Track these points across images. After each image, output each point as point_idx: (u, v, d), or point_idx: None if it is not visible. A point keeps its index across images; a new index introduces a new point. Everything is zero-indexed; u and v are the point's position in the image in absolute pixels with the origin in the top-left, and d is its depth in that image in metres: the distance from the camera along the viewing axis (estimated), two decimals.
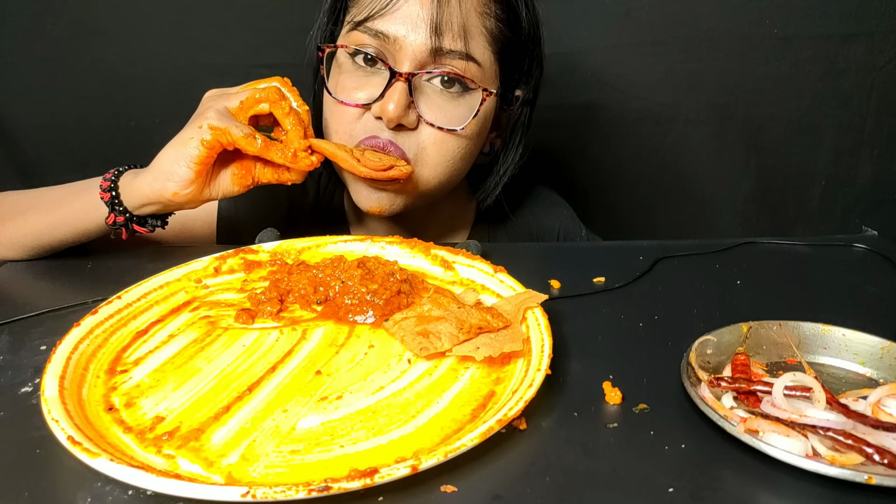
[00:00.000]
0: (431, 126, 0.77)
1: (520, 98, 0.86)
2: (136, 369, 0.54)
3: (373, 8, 0.75)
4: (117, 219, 0.72)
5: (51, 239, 0.76)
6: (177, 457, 0.44)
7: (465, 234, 0.97)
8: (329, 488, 0.39)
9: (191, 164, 0.68)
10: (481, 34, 0.77)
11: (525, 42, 0.82)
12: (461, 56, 0.75)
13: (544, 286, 0.69)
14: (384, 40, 0.75)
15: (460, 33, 0.74)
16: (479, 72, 0.77)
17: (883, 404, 0.47)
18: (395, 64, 0.75)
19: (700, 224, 1.35)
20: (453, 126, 0.77)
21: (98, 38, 1.25)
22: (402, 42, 0.74)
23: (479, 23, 0.76)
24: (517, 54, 0.82)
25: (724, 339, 0.55)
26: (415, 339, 0.56)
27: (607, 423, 0.48)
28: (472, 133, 0.80)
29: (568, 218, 1.01)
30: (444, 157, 0.79)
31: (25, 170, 1.34)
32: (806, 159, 1.28)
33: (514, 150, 0.89)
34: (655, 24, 1.20)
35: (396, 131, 0.76)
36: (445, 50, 0.74)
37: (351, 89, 0.77)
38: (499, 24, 0.78)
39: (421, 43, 0.74)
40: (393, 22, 0.74)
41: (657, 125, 1.28)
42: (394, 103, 0.74)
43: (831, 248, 0.84)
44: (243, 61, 1.25)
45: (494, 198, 0.91)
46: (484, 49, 0.77)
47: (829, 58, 1.20)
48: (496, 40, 0.78)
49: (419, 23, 0.73)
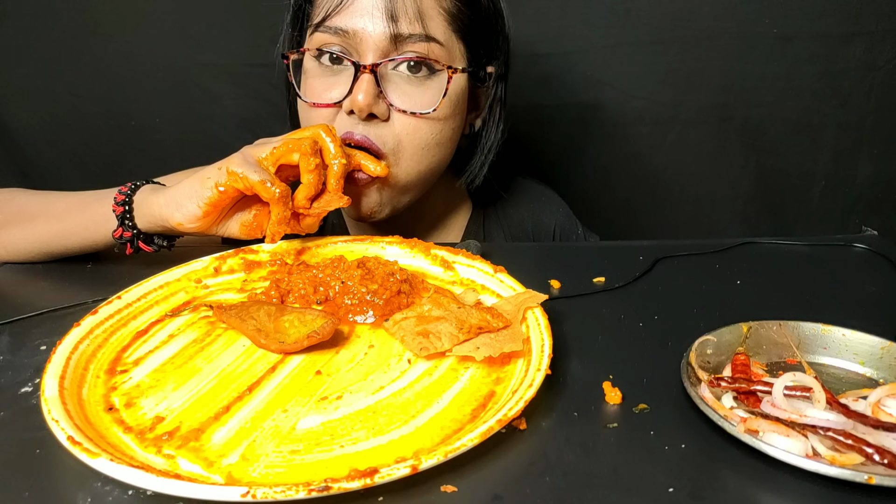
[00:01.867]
0: (403, 113, 0.77)
1: (492, 74, 0.86)
2: (136, 369, 0.54)
3: (329, 7, 0.76)
4: (125, 234, 0.72)
5: (58, 247, 0.76)
6: (177, 457, 0.44)
7: (461, 229, 0.97)
8: (329, 488, 0.39)
9: (201, 204, 0.67)
10: (439, 14, 0.77)
11: (485, 16, 0.83)
12: (421, 38, 0.76)
13: (544, 286, 0.69)
14: (344, 36, 0.76)
15: (416, 16, 0.75)
16: (443, 51, 0.78)
17: (883, 404, 0.47)
18: (358, 58, 0.76)
19: (700, 224, 1.35)
20: (424, 109, 0.78)
21: (98, 38, 1.25)
22: (361, 35, 0.75)
23: (435, 3, 0.77)
24: (480, 30, 0.83)
25: (724, 339, 0.55)
26: (415, 339, 0.56)
27: (607, 423, 0.48)
28: (446, 114, 0.80)
29: (564, 215, 1.01)
30: (420, 145, 0.79)
31: (25, 170, 1.34)
32: (806, 159, 1.28)
33: (496, 128, 0.89)
34: (655, 23, 1.20)
35: (369, 123, 0.77)
36: (405, 35, 0.75)
37: (321, 90, 0.78)
38: (455, 3, 0.78)
39: (380, 32, 0.74)
40: (350, 16, 0.75)
41: (657, 125, 1.28)
42: (363, 93, 0.74)
43: (831, 248, 0.84)
44: (243, 61, 1.25)
45: (482, 179, 0.90)
46: (444, 28, 0.78)
47: (829, 57, 1.20)
48: (455, 19, 0.79)
49: (374, 12, 0.74)
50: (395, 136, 0.78)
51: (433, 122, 0.79)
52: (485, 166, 0.90)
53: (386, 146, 0.77)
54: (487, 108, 0.88)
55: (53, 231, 0.76)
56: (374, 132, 0.77)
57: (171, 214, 0.68)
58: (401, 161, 0.79)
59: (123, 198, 0.72)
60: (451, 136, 0.83)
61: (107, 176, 1.04)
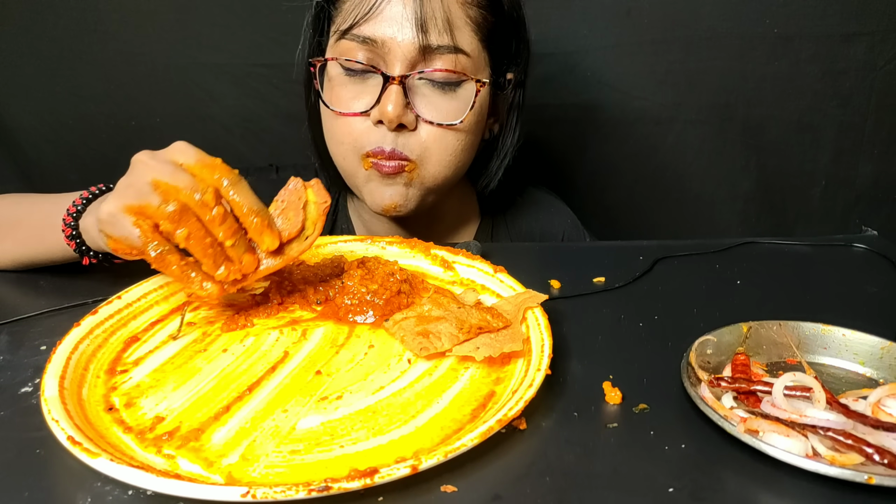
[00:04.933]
0: (430, 124, 0.77)
1: (512, 81, 0.86)
2: (136, 369, 0.54)
3: (357, 14, 0.75)
4: (92, 261, 0.67)
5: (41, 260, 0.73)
6: (177, 457, 0.44)
7: (470, 237, 0.97)
8: (329, 488, 0.39)
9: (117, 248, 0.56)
10: (466, 24, 0.77)
11: (509, 24, 0.83)
12: (450, 50, 0.75)
13: (544, 286, 0.69)
14: (372, 45, 0.75)
15: (445, 27, 0.74)
16: (470, 62, 0.78)
17: (883, 404, 0.47)
18: (386, 67, 0.76)
19: (700, 224, 1.35)
20: (451, 121, 0.78)
21: (98, 38, 1.25)
22: (390, 45, 0.74)
23: (462, 13, 0.76)
24: (503, 38, 0.83)
25: (724, 339, 0.55)
26: (415, 339, 0.56)
27: (607, 423, 0.48)
28: (471, 125, 0.80)
29: (572, 226, 1.01)
30: (446, 152, 0.80)
31: (25, 170, 1.34)
32: (806, 159, 1.28)
33: (513, 133, 0.89)
34: (655, 23, 1.20)
35: (398, 133, 0.77)
36: (434, 46, 0.75)
37: (347, 99, 0.78)
38: (481, 12, 0.78)
39: (409, 43, 0.74)
40: (378, 25, 0.74)
41: (657, 125, 1.28)
42: (392, 104, 0.74)
43: (831, 248, 0.84)
44: (243, 61, 1.25)
45: (497, 182, 0.91)
46: (471, 38, 0.77)
47: (830, 58, 1.20)
48: (481, 28, 0.78)
49: (404, 22, 0.73)
50: (421, 143, 0.78)
51: (459, 133, 0.79)
52: (500, 170, 0.90)
53: (413, 153, 0.78)
54: (506, 113, 0.88)
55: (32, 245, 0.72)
56: (401, 142, 0.77)
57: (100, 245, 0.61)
58: (427, 165, 0.79)
59: (70, 231, 0.66)
60: (474, 142, 0.84)
61: (107, 176, 1.03)
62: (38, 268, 0.74)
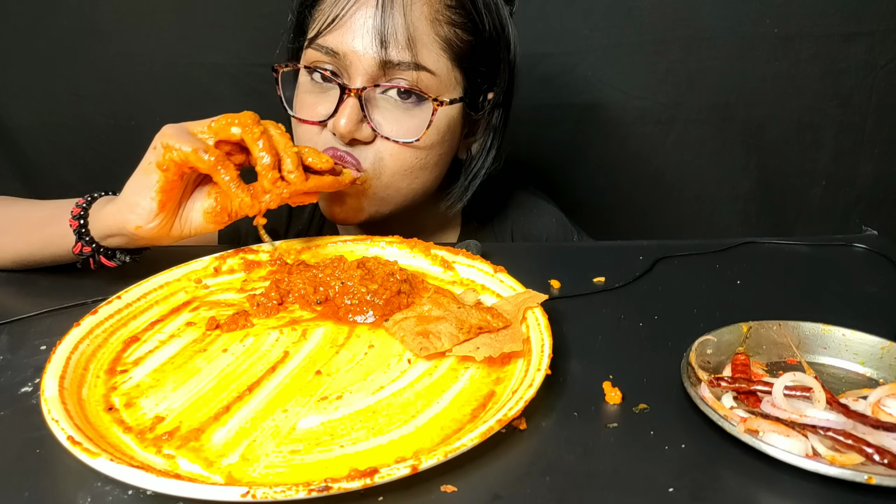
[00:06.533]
0: (386, 139, 0.76)
1: (490, 101, 0.85)
2: (136, 369, 0.54)
3: (321, 23, 0.75)
4: (84, 249, 0.67)
5: (31, 260, 0.74)
6: (177, 457, 0.44)
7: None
8: (329, 488, 0.39)
9: (153, 194, 0.61)
10: (434, 42, 0.76)
11: (489, 45, 0.81)
12: (410, 66, 0.74)
13: (544, 286, 0.69)
14: (335, 56, 0.75)
15: (407, 44, 0.74)
16: (433, 80, 0.76)
17: (883, 404, 0.47)
18: (348, 79, 0.76)
19: (700, 224, 1.35)
20: (409, 138, 0.77)
21: (98, 38, 1.25)
22: (351, 58, 0.74)
23: (431, 30, 0.75)
24: (481, 58, 0.81)
25: (724, 339, 0.55)
26: (415, 339, 0.56)
27: (607, 423, 0.48)
28: (431, 143, 0.79)
29: (557, 225, 0.99)
30: (402, 168, 0.78)
31: (25, 170, 1.34)
32: (806, 159, 1.28)
33: (485, 154, 0.87)
34: (655, 23, 1.21)
35: (352, 145, 0.76)
36: (395, 62, 0.74)
37: (308, 106, 0.78)
38: (455, 30, 0.77)
39: (369, 57, 0.73)
40: (341, 37, 0.74)
41: (657, 125, 1.28)
42: (345, 118, 0.74)
43: (831, 248, 0.84)
44: (243, 61, 1.25)
45: (463, 203, 0.88)
46: (437, 57, 0.76)
47: (830, 58, 1.20)
48: (452, 46, 0.77)
49: (366, 35, 0.73)
50: (376, 154, 0.77)
51: (417, 150, 0.78)
52: (468, 191, 0.87)
53: (367, 162, 0.77)
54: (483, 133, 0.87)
55: (22, 245, 0.73)
56: (356, 151, 0.77)
57: (126, 219, 0.62)
58: (382, 177, 0.78)
59: (79, 211, 0.68)
60: (438, 161, 0.82)
61: (107, 176, 1.04)
62: (38, 268, 0.74)
